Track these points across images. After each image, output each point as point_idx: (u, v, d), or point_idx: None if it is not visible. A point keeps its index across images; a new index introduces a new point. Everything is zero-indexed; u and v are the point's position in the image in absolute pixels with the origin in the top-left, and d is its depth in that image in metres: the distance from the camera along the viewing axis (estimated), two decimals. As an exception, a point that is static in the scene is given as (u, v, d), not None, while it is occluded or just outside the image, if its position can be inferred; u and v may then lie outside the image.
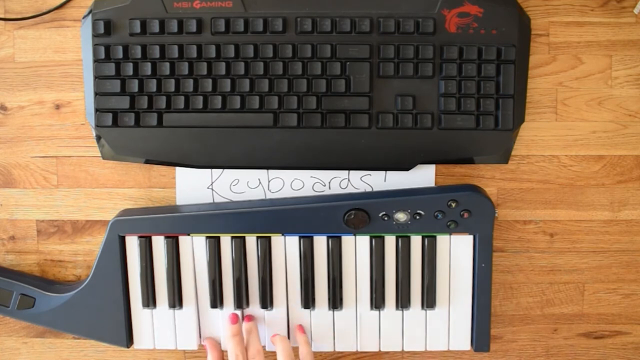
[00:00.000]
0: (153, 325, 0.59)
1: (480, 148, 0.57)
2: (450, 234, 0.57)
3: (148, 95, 0.56)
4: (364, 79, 0.56)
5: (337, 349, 0.59)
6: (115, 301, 0.58)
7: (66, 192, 0.62)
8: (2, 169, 0.62)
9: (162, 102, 0.56)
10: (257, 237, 0.58)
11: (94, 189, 0.61)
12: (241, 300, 0.58)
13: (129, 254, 0.58)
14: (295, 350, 0.57)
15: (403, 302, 0.58)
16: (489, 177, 0.61)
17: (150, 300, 0.58)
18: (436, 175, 0.60)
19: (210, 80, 0.56)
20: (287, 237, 0.58)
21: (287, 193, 0.60)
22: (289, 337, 0.59)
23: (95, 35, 0.56)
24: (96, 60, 0.56)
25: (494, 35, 0.55)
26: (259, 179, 0.60)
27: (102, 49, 0.56)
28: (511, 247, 0.62)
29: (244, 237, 0.58)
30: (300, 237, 0.58)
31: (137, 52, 0.56)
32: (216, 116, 0.56)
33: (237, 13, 0.56)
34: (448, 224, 0.56)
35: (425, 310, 0.59)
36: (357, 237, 0.58)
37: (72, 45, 0.60)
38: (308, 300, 0.58)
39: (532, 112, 0.59)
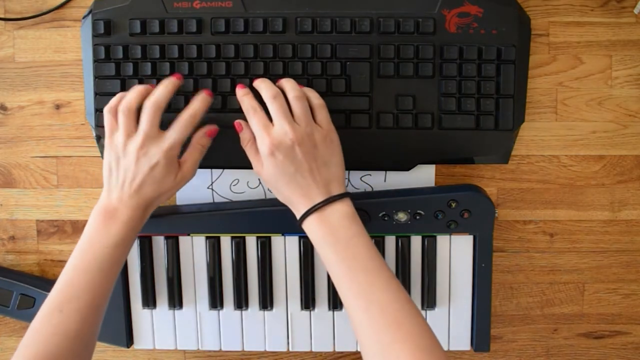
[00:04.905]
0: (153, 325, 0.59)
1: (480, 148, 0.57)
2: (450, 234, 0.57)
3: (148, 95, 0.56)
4: (364, 79, 0.56)
5: (337, 349, 0.59)
6: (115, 301, 0.58)
7: (66, 192, 0.62)
8: (2, 169, 0.62)
9: (162, 102, 0.56)
10: (257, 237, 0.58)
11: (94, 189, 0.61)
12: (241, 300, 0.58)
13: (129, 254, 0.58)
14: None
15: (403, 302, 0.58)
16: (489, 177, 0.61)
17: (150, 300, 0.58)
18: (436, 175, 0.60)
19: (210, 80, 0.56)
20: (287, 237, 0.58)
21: (287, 193, 0.60)
22: (288, 336, 0.59)
23: (95, 35, 0.56)
24: (96, 60, 0.56)
25: (494, 35, 0.55)
26: (259, 179, 0.60)
27: (102, 49, 0.56)
28: (511, 247, 0.62)
29: (244, 237, 0.58)
30: (300, 237, 0.58)
31: (137, 52, 0.56)
32: (216, 116, 0.56)
33: (237, 13, 0.56)
34: (448, 224, 0.56)
35: (425, 310, 0.59)
36: (357, 237, 0.58)
37: (72, 45, 0.60)
38: (308, 300, 0.58)
39: (532, 112, 0.59)
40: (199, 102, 0.52)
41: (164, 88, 0.51)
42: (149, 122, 0.49)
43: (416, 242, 0.58)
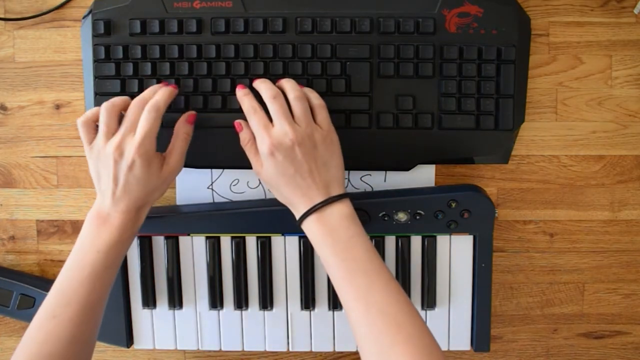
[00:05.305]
0: (153, 325, 0.59)
1: (480, 148, 0.57)
2: (450, 234, 0.57)
3: (148, 95, 0.56)
4: (364, 79, 0.56)
5: (337, 349, 0.59)
6: (115, 301, 0.58)
7: (66, 192, 0.62)
8: (2, 169, 0.62)
9: (162, 102, 0.56)
10: (257, 237, 0.58)
11: (94, 189, 0.61)
12: (241, 300, 0.58)
13: (129, 254, 0.58)
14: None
15: (403, 302, 0.58)
16: (489, 177, 0.61)
17: (150, 300, 0.58)
18: (436, 175, 0.60)
19: (210, 80, 0.56)
20: (287, 237, 0.58)
21: (287, 193, 0.60)
22: (288, 336, 0.59)
23: (95, 35, 0.56)
24: (96, 60, 0.56)
25: (494, 35, 0.55)
26: (259, 179, 0.60)
27: (102, 49, 0.56)
28: (511, 247, 0.62)
29: (244, 237, 0.58)
30: (300, 237, 0.58)
31: (137, 52, 0.56)
32: (216, 116, 0.56)
33: (237, 13, 0.56)
34: (448, 224, 0.56)
35: (425, 310, 0.59)
36: (357, 237, 0.57)
37: (72, 45, 0.60)
38: (308, 301, 0.58)
39: (532, 112, 0.59)
40: (161, 93, 0.50)
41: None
42: (135, 124, 0.49)
43: (416, 242, 0.58)
